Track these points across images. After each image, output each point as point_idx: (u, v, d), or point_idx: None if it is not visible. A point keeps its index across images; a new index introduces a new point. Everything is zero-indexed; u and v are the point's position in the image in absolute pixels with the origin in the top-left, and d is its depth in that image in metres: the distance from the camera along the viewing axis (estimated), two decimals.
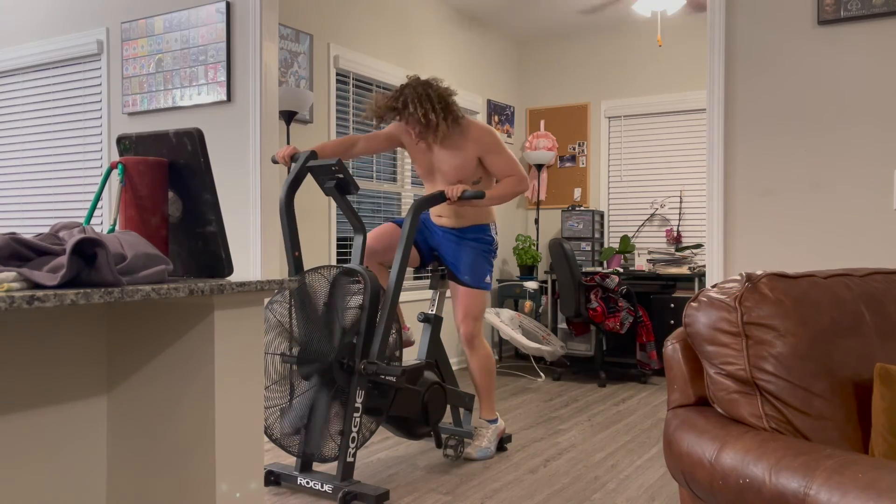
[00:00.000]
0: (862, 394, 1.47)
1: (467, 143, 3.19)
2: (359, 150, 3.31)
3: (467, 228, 3.31)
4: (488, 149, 3.19)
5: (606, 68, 6.31)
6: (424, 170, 3.32)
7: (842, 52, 2.73)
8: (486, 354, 3.33)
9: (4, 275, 1.17)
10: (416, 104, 3.06)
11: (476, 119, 3.26)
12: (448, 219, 3.32)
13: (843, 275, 1.61)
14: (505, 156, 3.21)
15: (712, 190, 2.95)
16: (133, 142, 1.62)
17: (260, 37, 3.58)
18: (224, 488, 1.49)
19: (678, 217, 6.00)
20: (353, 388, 2.78)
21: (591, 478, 3.06)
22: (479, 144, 3.19)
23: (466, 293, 3.27)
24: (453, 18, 5.83)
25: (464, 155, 3.19)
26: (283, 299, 2.87)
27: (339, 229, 4.70)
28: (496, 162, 3.20)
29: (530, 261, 6.23)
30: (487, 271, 3.32)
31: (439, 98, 3.10)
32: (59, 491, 1.55)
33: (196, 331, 1.48)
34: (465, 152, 3.19)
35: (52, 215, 4.44)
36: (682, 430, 1.51)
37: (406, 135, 3.31)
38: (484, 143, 3.19)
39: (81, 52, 4.24)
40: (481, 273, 3.29)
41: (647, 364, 5.26)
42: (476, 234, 3.31)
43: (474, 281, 3.27)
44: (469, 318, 3.28)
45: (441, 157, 3.23)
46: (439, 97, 3.10)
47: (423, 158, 3.30)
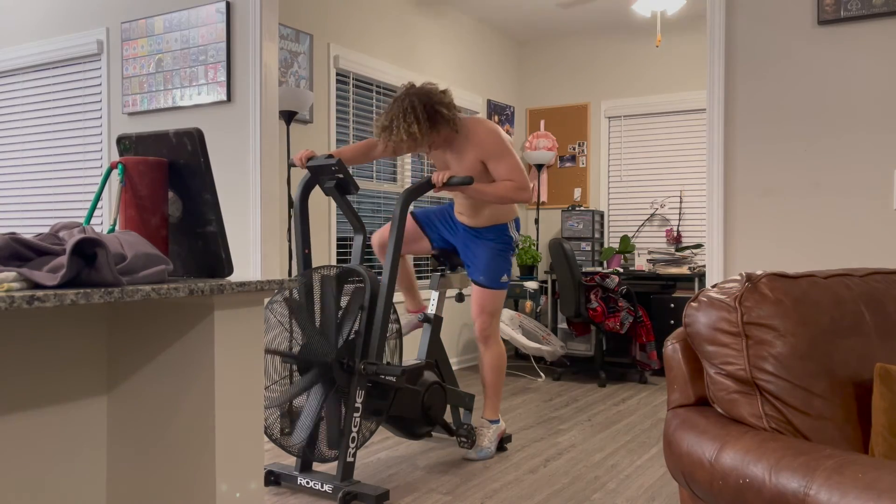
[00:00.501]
0: (862, 394, 1.47)
1: (469, 146, 3.14)
2: (379, 153, 3.31)
3: (485, 228, 3.30)
4: (489, 153, 3.10)
5: (606, 68, 6.31)
6: (441, 165, 3.32)
7: (842, 53, 2.73)
8: (499, 353, 3.33)
9: (4, 275, 1.17)
10: (399, 122, 2.98)
11: (483, 119, 3.23)
12: (467, 217, 3.32)
13: (843, 275, 1.61)
14: (506, 162, 3.10)
15: (712, 190, 2.95)
16: (133, 141, 1.62)
17: (260, 37, 3.58)
18: (224, 488, 1.49)
19: (678, 217, 6.00)
20: (353, 388, 2.78)
21: (591, 478, 3.06)
22: (479, 149, 3.12)
23: (482, 290, 3.28)
24: (453, 18, 5.83)
25: (467, 158, 3.15)
26: (286, 297, 2.87)
27: (339, 229, 4.70)
28: (496, 167, 3.11)
29: (530, 261, 6.23)
30: (504, 270, 3.31)
31: (424, 108, 3.00)
32: (59, 491, 1.55)
33: (196, 331, 1.48)
34: (467, 155, 3.14)
35: (52, 215, 4.44)
36: (682, 430, 1.51)
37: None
38: (485, 147, 3.10)
39: (81, 52, 4.24)
40: (497, 272, 3.29)
41: (647, 364, 5.26)
42: (494, 234, 3.31)
43: (489, 281, 3.28)
44: (484, 314, 3.28)
45: (450, 159, 3.23)
46: (424, 107, 3.00)
47: (438, 158, 3.31)
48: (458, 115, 3.13)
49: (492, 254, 3.28)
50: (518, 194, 3.10)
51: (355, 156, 3.24)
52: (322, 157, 3.02)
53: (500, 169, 3.11)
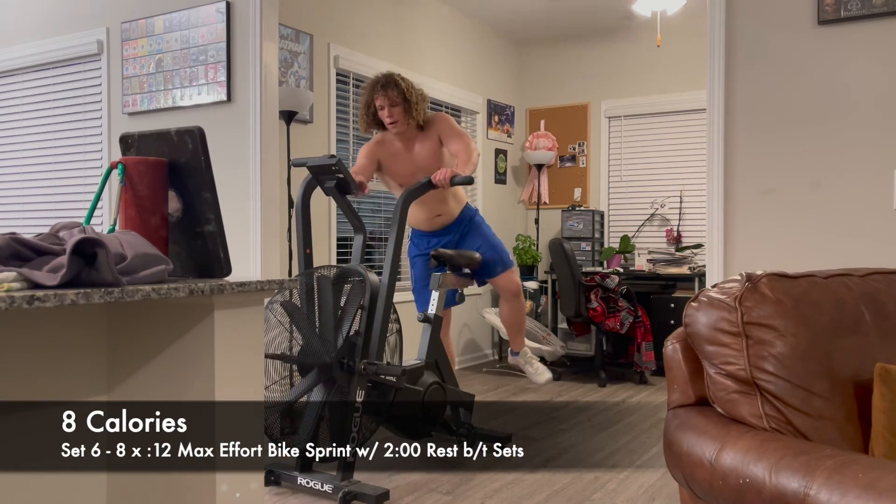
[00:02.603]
0: (862, 394, 1.47)
1: (431, 129, 3.36)
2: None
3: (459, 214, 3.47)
4: (444, 126, 3.34)
5: (606, 68, 6.30)
6: (406, 175, 3.36)
7: (842, 52, 2.73)
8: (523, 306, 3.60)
9: (4, 275, 1.17)
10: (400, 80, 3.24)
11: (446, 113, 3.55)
12: (445, 216, 3.42)
13: (843, 275, 1.61)
14: (457, 131, 3.35)
15: (712, 190, 2.95)
16: (135, 140, 1.62)
17: (260, 37, 3.58)
18: (224, 488, 1.49)
19: (678, 217, 6.00)
20: (353, 388, 2.78)
21: (591, 478, 3.06)
22: (437, 124, 3.34)
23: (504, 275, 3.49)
24: (453, 18, 5.83)
25: (433, 138, 3.34)
26: (284, 299, 2.87)
27: (339, 229, 4.70)
28: (452, 139, 3.32)
29: (530, 261, 6.23)
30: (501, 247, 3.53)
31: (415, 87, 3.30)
32: (59, 491, 1.55)
33: (196, 331, 1.48)
34: (433, 136, 3.34)
35: (52, 215, 4.44)
36: (682, 430, 1.50)
37: (379, 149, 3.38)
38: (441, 121, 3.36)
39: (81, 52, 4.24)
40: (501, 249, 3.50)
41: (641, 365, 5.23)
42: (466, 216, 3.48)
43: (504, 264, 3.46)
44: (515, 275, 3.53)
45: (418, 150, 3.34)
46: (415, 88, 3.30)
47: (401, 163, 3.37)
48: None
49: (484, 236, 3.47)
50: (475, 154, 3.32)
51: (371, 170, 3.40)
52: (323, 156, 3.03)
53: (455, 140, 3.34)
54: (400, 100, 3.22)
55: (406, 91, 3.22)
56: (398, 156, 3.36)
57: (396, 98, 3.21)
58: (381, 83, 3.23)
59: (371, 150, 3.38)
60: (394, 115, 3.24)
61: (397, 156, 3.36)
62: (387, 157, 3.36)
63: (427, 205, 3.37)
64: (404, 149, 3.35)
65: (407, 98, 3.22)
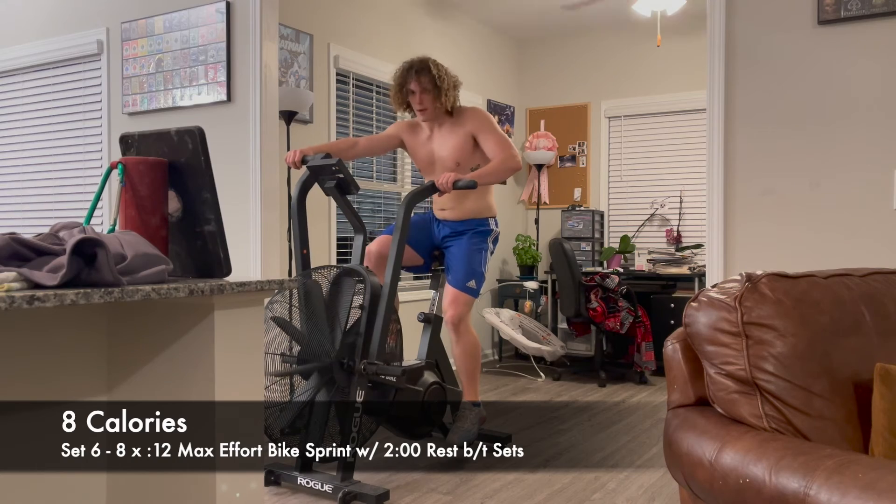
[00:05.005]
0: (862, 394, 1.47)
1: (463, 121, 3.27)
2: (359, 151, 3.36)
3: (466, 221, 3.34)
4: (481, 125, 3.23)
5: (606, 68, 6.30)
6: (425, 162, 3.36)
7: (842, 52, 2.73)
8: (472, 340, 3.29)
9: (4, 275, 1.17)
10: (434, 66, 3.21)
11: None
12: (450, 210, 3.34)
13: (843, 275, 1.61)
14: (497, 134, 3.24)
15: (712, 190, 2.95)
16: (135, 140, 1.62)
17: (260, 37, 3.58)
18: (224, 488, 1.49)
19: (678, 217, 6.00)
20: (353, 388, 2.78)
21: (591, 478, 3.06)
22: (472, 121, 3.24)
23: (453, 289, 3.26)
24: (454, 18, 5.83)
25: (461, 132, 3.25)
26: (284, 299, 2.87)
27: (339, 229, 4.70)
28: (488, 139, 3.21)
29: (530, 261, 6.23)
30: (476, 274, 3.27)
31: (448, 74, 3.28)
32: (59, 491, 1.55)
33: (196, 331, 1.48)
34: (461, 129, 3.25)
35: (52, 215, 4.44)
36: (682, 430, 1.51)
37: (407, 132, 3.34)
38: (477, 118, 3.26)
39: (81, 52, 4.24)
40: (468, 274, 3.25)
41: (640, 365, 5.24)
42: (475, 227, 3.34)
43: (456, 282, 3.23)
44: (458, 303, 3.23)
45: (440, 141, 3.28)
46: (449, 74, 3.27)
47: (423, 150, 3.34)
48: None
49: (468, 251, 3.27)
50: (513, 161, 3.18)
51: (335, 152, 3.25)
52: (319, 156, 3.02)
53: (490, 141, 3.22)
54: (431, 86, 3.19)
55: (437, 78, 3.19)
56: (421, 144, 3.35)
57: (428, 84, 3.19)
58: (416, 68, 3.20)
59: (400, 129, 3.39)
60: (423, 103, 3.21)
61: (420, 143, 3.35)
62: (413, 143, 3.36)
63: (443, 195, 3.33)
64: (428, 137, 3.33)
65: (437, 85, 3.19)
